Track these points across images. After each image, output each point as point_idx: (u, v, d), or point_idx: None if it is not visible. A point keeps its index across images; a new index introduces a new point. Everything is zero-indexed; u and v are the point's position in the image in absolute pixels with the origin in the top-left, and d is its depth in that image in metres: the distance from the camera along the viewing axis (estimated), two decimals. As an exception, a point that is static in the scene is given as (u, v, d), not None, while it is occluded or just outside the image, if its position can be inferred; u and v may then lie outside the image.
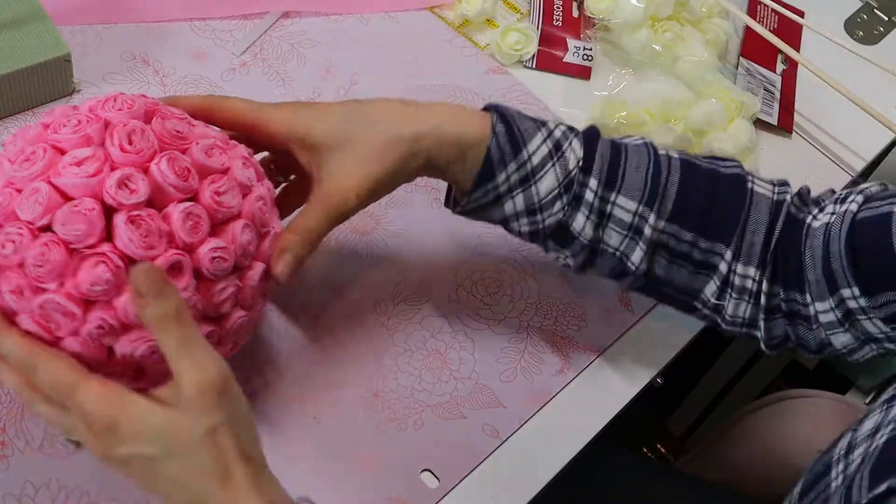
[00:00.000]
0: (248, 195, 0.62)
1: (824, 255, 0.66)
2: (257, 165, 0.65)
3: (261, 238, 0.63)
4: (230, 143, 0.64)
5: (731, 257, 0.68)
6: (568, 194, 0.67)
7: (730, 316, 0.70)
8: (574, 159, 0.66)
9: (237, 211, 0.60)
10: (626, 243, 0.68)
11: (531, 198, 0.67)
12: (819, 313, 0.68)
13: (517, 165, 0.66)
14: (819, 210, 0.69)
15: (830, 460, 0.64)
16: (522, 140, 0.66)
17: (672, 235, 0.68)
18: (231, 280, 0.60)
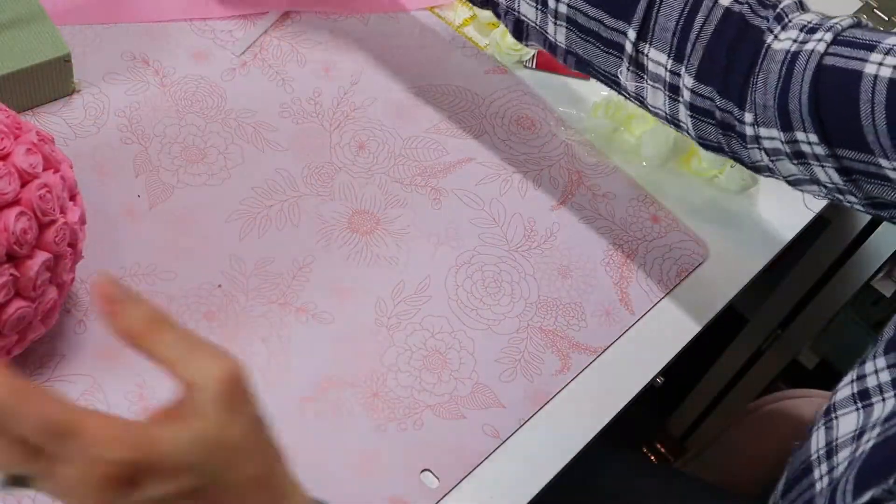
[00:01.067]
0: (29, 183, 0.62)
1: (782, 88, 0.63)
2: (50, 152, 0.65)
3: (44, 228, 0.63)
4: (23, 126, 0.64)
5: (636, 37, 0.66)
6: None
7: (651, 105, 0.69)
8: None
9: (12, 198, 0.61)
10: (539, 16, 0.69)
11: None
12: (762, 138, 0.65)
13: None
14: (781, 27, 0.65)
15: (809, 460, 0.64)
16: None
17: (579, 11, 0.68)
18: (5, 269, 0.60)
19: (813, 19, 0.65)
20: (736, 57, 0.64)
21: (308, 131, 0.84)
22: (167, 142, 0.81)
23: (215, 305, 0.74)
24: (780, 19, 0.65)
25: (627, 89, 0.70)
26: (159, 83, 0.84)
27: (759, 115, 0.64)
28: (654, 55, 0.66)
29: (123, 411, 0.69)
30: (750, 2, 0.65)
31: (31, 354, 0.70)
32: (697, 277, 0.83)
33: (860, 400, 0.61)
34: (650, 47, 0.66)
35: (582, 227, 0.84)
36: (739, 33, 0.65)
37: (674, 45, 0.66)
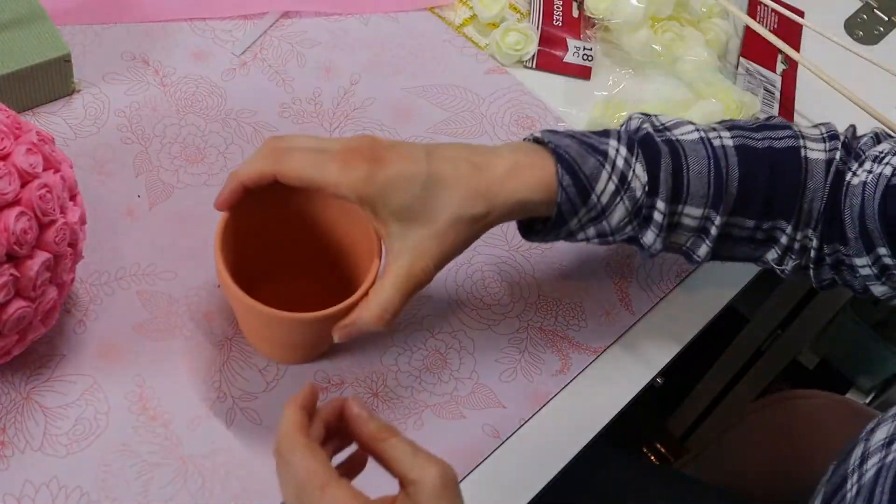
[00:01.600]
0: (29, 183, 0.62)
1: (860, 216, 0.68)
2: (50, 152, 0.65)
3: (44, 228, 0.63)
4: (23, 126, 0.64)
5: (792, 230, 0.70)
6: (638, 218, 0.68)
7: (788, 271, 0.73)
8: (640, 186, 0.67)
9: (13, 198, 0.61)
10: (693, 241, 0.70)
11: (603, 229, 0.69)
12: (858, 267, 0.70)
13: (587, 209, 0.67)
14: (858, 164, 0.70)
15: (846, 472, 0.64)
16: (590, 185, 0.66)
17: (735, 226, 0.70)
18: (5, 269, 0.60)
19: (885, 149, 0.70)
20: (833, 207, 0.70)
21: (308, 131, 0.84)
22: (167, 142, 0.81)
23: (215, 305, 0.74)
24: (857, 157, 0.70)
25: (767, 265, 0.73)
26: (159, 83, 0.84)
27: (853, 248, 0.69)
28: (802, 236, 0.71)
29: (123, 411, 0.69)
30: (842, 155, 0.70)
31: (31, 354, 0.70)
32: (697, 277, 0.83)
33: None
34: (801, 232, 0.70)
35: (582, 227, 0.84)
36: (835, 188, 0.70)
37: (818, 220, 0.70)
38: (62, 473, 0.67)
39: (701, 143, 0.69)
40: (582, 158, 0.66)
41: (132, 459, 0.68)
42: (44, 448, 0.67)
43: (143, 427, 0.69)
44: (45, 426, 0.68)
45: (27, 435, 0.68)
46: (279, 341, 0.71)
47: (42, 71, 0.78)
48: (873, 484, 0.59)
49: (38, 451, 0.67)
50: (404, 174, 0.63)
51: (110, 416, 0.69)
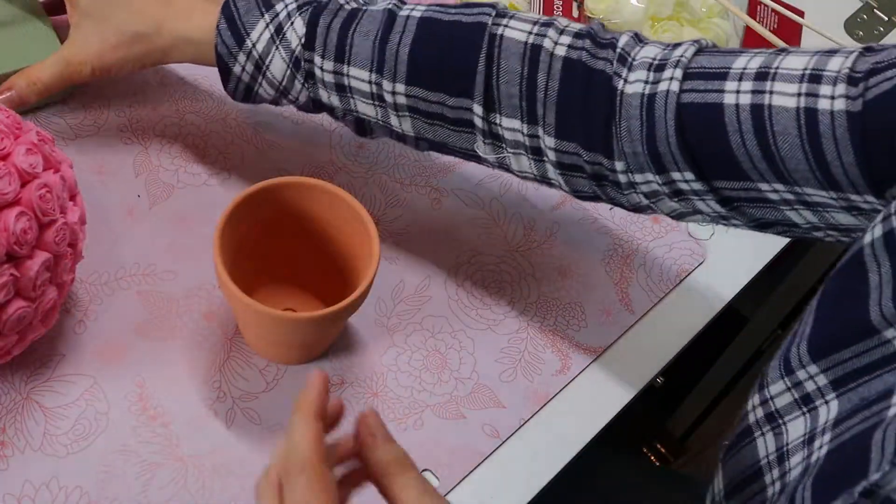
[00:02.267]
0: (29, 183, 0.62)
1: (647, 134, 0.62)
2: (50, 152, 0.65)
3: (44, 228, 0.63)
4: (23, 126, 0.64)
5: (483, 110, 0.65)
6: (300, 72, 0.68)
7: (518, 171, 0.68)
8: (296, 38, 0.68)
9: (12, 198, 0.61)
10: (379, 111, 0.69)
11: (273, 82, 0.70)
12: (638, 183, 0.64)
13: (246, 56, 0.69)
14: (627, 68, 0.63)
15: (758, 464, 0.62)
16: (245, 31, 0.69)
17: (417, 97, 0.67)
18: (5, 269, 0.60)
19: (657, 55, 0.63)
20: (591, 108, 0.63)
21: (308, 131, 0.84)
22: (167, 142, 0.81)
23: (215, 305, 0.74)
24: (623, 60, 0.63)
25: (489, 161, 0.69)
26: (159, 83, 0.84)
27: (631, 163, 0.63)
28: (507, 123, 0.65)
29: (123, 411, 0.69)
30: (586, 46, 0.64)
31: (31, 354, 0.70)
32: (697, 277, 0.83)
33: (804, 405, 0.60)
34: (501, 116, 0.65)
35: (582, 227, 0.84)
36: (586, 82, 0.63)
37: (524, 108, 0.64)
38: (62, 473, 0.67)
39: (384, 12, 0.67)
40: (246, 9, 0.69)
41: (132, 459, 0.68)
42: (44, 448, 0.67)
43: (143, 427, 0.69)
44: (45, 426, 0.68)
45: (27, 435, 0.68)
46: (279, 341, 0.71)
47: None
48: (797, 483, 0.57)
49: (38, 451, 0.67)
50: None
51: (110, 416, 0.69)
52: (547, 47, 0.64)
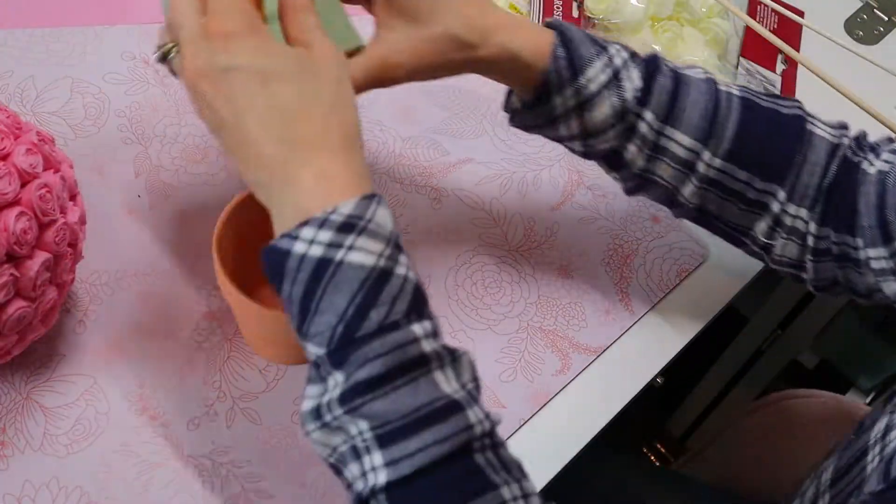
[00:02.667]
0: (29, 183, 0.62)
1: (879, 205, 0.66)
2: (50, 152, 0.65)
3: (44, 228, 0.63)
4: (23, 126, 0.64)
5: (785, 198, 0.68)
6: (622, 124, 0.67)
7: (777, 255, 0.71)
8: (632, 89, 0.67)
9: (13, 198, 0.61)
10: (678, 177, 0.69)
11: (585, 124, 0.68)
12: (871, 259, 0.67)
13: (574, 90, 0.66)
14: (875, 155, 0.69)
15: (866, 445, 0.65)
16: (581, 65, 0.66)
17: (726, 174, 0.68)
18: (5, 269, 0.60)
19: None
20: (842, 194, 0.68)
21: (308, 131, 0.84)
22: (167, 142, 0.81)
23: (215, 305, 0.74)
24: (874, 150, 0.70)
25: (758, 241, 0.71)
26: (159, 82, 0.84)
27: (867, 237, 0.67)
28: (795, 211, 0.69)
29: (123, 411, 0.69)
30: (852, 145, 0.70)
31: (31, 354, 0.70)
32: (697, 277, 0.83)
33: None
34: (794, 205, 0.69)
35: (582, 227, 0.84)
36: (845, 175, 0.68)
37: (813, 198, 0.69)
38: (62, 473, 0.67)
39: (706, 82, 0.68)
40: (582, 42, 0.67)
41: (132, 459, 0.68)
42: (44, 448, 0.67)
43: (143, 427, 0.69)
44: (45, 426, 0.68)
45: (27, 435, 0.68)
46: (279, 341, 0.71)
47: None
48: (892, 455, 0.59)
49: (38, 451, 0.67)
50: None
51: (110, 416, 0.69)
52: (844, 143, 0.69)
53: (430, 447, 0.51)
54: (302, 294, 0.52)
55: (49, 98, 0.82)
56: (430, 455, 0.51)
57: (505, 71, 0.67)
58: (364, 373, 0.51)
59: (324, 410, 0.52)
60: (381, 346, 0.51)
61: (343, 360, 0.51)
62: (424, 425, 0.51)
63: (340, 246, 0.52)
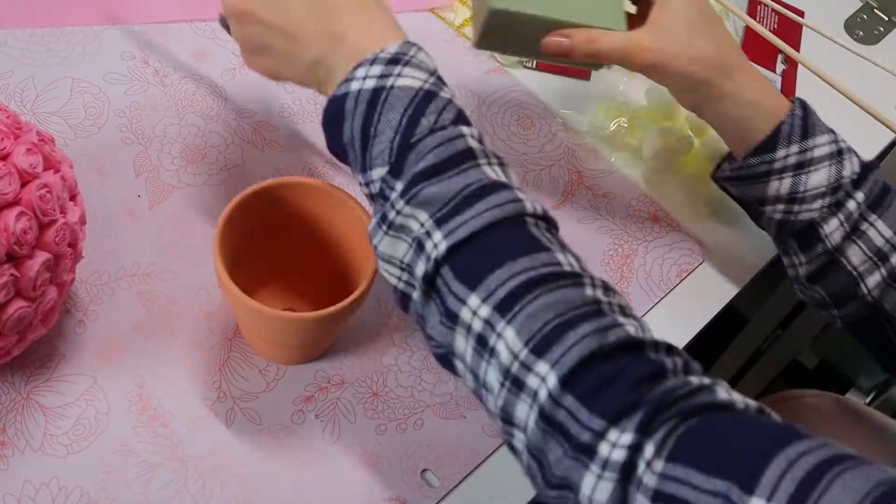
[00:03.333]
0: (29, 183, 0.62)
1: None
2: (50, 152, 0.65)
3: (44, 228, 0.63)
4: (23, 126, 0.64)
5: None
6: (832, 196, 0.70)
7: None
8: (850, 169, 0.71)
9: (13, 198, 0.61)
10: (867, 266, 0.70)
11: (798, 185, 0.71)
12: None
13: (800, 148, 0.70)
14: None
15: None
16: (813, 130, 0.71)
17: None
18: (5, 269, 0.60)
19: None
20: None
21: (308, 131, 0.84)
22: (167, 142, 0.81)
23: (215, 305, 0.74)
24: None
25: None
26: (159, 83, 0.85)
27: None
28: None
29: (123, 411, 0.69)
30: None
31: (31, 354, 0.70)
32: (697, 277, 0.83)
33: None
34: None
35: (582, 227, 0.84)
36: None
37: None
38: (62, 473, 0.67)
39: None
40: (815, 115, 0.73)
41: (132, 459, 0.68)
42: (44, 448, 0.67)
43: (143, 427, 0.69)
44: (45, 426, 0.68)
45: (27, 435, 0.68)
46: (279, 341, 0.71)
47: None
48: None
49: (38, 451, 0.67)
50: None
51: (110, 416, 0.69)
52: None
53: (482, 213, 0.55)
54: (361, 124, 0.58)
55: (49, 98, 0.82)
56: (484, 220, 0.55)
57: (739, 112, 0.72)
58: (419, 166, 0.56)
59: (388, 210, 0.57)
60: (433, 140, 0.57)
61: (402, 166, 0.57)
62: (477, 198, 0.55)
63: (390, 75, 0.59)
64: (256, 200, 0.69)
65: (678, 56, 0.70)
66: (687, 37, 0.70)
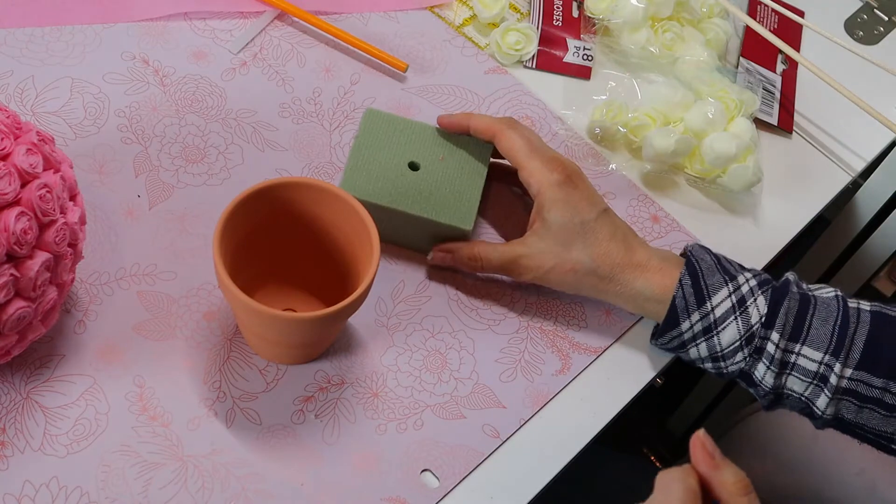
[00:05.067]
0: (29, 183, 0.62)
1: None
2: (50, 152, 0.65)
3: (44, 228, 0.63)
4: (23, 126, 0.64)
5: None
6: (749, 346, 0.71)
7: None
8: (757, 315, 0.70)
9: (13, 198, 0.61)
10: (811, 390, 0.71)
11: (714, 347, 0.72)
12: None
13: (700, 315, 0.72)
14: None
15: None
16: (707, 293, 0.72)
17: (861, 382, 0.70)
18: (5, 269, 0.60)
19: None
20: None
21: (308, 131, 0.84)
22: (167, 142, 0.81)
23: (215, 305, 0.74)
24: None
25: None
26: (159, 83, 0.84)
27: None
28: None
29: (123, 411, 0.69)
30: None
31: (31, 354, 0.70)
32: (697, 277, 0.83)
33: None
34: None
35: (582, 227, 0.84)
36: None
37: None
38: (62, 473, 0.67)
39: (835, 300, 0.71)
40: (710, 271, 0.72)
41: (132, 459, 0.68)
42: (44, 448, 0.67)
43: (143, 427, 0.69)
44: (45, 426, 0.68)
45: (27, 435, 0.68)
46: (279, 341, 0.71)
47: (442, 230, 0.77)
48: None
49: (38, 451, 0.67)
50: (578, 207, 0.74)
51: (110, 416, 0.69)
52: None
53: None
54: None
55: (49, 98, 0.82)
56: None
57: (632, 306, 0.75)
58: None
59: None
60: None
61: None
62: None
63: None
64: (256, 200, 0.69)
65: (554, 269, 0.74)
66: (561, 250, 0.74)
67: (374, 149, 0.78)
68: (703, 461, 0.54)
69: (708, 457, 0.54)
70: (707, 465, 0.54)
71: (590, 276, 0.74)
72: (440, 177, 0.78)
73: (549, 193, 0.74)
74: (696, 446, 0.55)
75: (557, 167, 0.74)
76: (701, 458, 0.54)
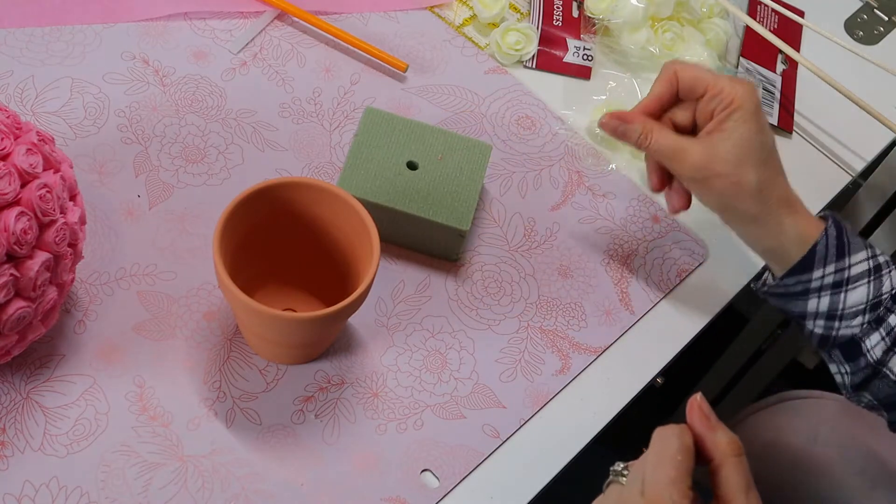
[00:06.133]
0: (29, 183, 0.62)
1: None
2: (50, 152, 0.65)
3: (44, 228, 0.63)
4: (23, 126, 0.64)
5: None
6: (872, 313, 0.71)
7: None
8: (889, 285, 0.71)
9: (13, 198, 0.61)
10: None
11: (836, 304, 0.71)
12: None
13: (836, 268, 0.71)
14: None
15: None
16: (849, 249, 0.71)
17: None
18: (5, 269, 0.60)
19: None
20: None
21: (308, 131, 0.84)
22: (167, 142, 0.81)
23: (215, 305, 0.74)
24: None
25: None
26: (159, 83, 0.84)
27: None
28: None
29: (123, 411, 0.69)
30: None
31: (31, 354, 0.70)
32: (697, 277, 0.83)
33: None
34: None
35: (582, 227, 0.84)
36: None
37: None
38: (62, 473, 0.67)
39: None
40: (852, 233, 0.72)
41: (132, 459, 0.68)
42: (44, 448, 0.67)
43: (143, 427, 0.69)
44: (45, 426, 0.68)
45: (27, 435, 0.68)
46: (279, 341, 0.71)
47: (438, 230, 0.77)
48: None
49: (38, 451, 0.67)
50: (766, 128, 0.72)
51: (110, 416, 0.69)
52: None
53: None
54: None
55: (49, 98, 0.82)
56: None
57: (766, 239, 0.73)
58: None
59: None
60: None
61: None
62: None
63: None
64: (256, 200, 0.69)
65: (720, 176, 0.71)
66: (736, 161, 0.71)
67: (373, 147, 0.78)
68: (699, 422, 0.55)
69: (704, 418, 0.55)
70: (703, 425, 0.55)
71: (749, 198, 0.71)
72: (438, 177, 0.78)
73: (749, 105, 0.71)
74: (692, 408, 0.56)
75: (751, 87, 0.72)
76: (697, 419, 0.55)
